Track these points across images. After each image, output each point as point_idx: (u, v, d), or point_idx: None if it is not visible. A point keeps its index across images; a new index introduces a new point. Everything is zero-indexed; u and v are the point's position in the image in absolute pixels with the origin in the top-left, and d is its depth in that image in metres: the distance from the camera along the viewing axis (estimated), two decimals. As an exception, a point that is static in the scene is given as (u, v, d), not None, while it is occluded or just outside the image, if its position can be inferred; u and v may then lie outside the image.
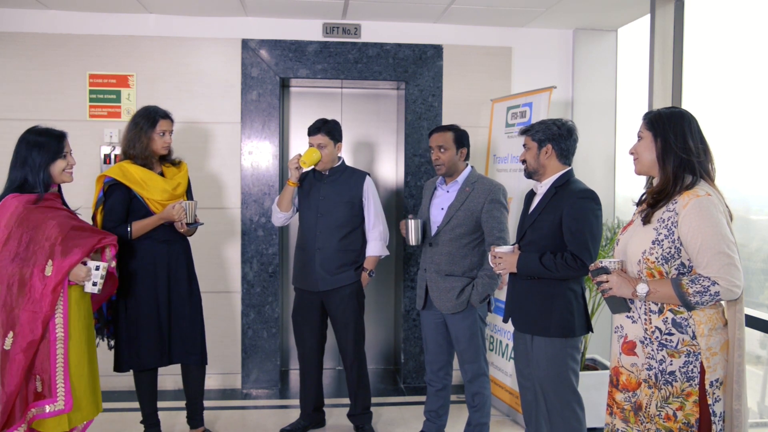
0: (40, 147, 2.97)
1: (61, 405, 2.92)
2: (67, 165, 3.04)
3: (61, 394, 2.92)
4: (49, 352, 2.89)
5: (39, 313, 2.83)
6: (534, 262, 2.92)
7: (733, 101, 3.73)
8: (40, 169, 2.96)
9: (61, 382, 2.92)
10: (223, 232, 4.83)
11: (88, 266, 2.93)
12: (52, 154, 2.98)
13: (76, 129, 4.61)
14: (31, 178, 2.95)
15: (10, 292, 2.84)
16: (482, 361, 3.59)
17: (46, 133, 3.01)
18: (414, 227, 3.54)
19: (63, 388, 2.93)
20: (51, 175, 3.00)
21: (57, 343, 2.91)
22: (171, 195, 3.57)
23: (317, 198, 3.85)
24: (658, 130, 2.39)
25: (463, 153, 3.59)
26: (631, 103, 4.81)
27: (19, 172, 2.96)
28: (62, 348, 2.92)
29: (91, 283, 2.94)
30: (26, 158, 2.95)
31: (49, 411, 2.90)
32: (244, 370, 4.88)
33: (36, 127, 3.05)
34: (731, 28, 3.80)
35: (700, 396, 2.27)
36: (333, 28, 4.84)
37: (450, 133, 3.59)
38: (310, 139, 3.82)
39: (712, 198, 2.27)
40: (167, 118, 3.60)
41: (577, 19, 4.77)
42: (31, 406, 2.89)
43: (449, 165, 3.57)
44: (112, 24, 4.68)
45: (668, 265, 2.32)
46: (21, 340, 2.83)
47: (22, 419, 2.87)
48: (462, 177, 3.59)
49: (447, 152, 3.56)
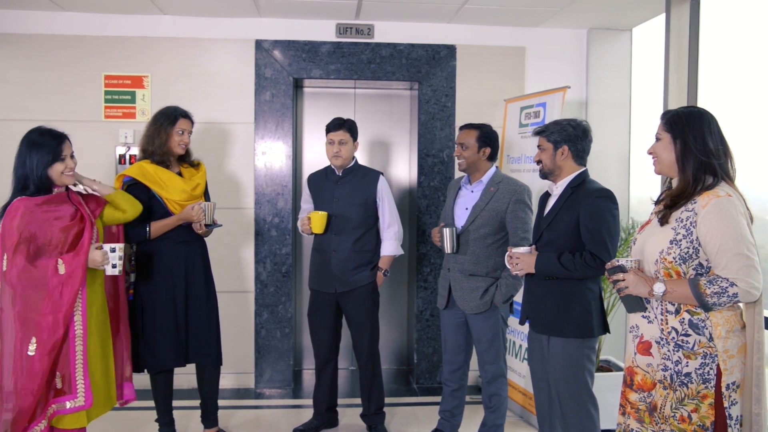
0: (39, 147, 2.92)
1: (81, 401, 2.94)
2: (65, 168, 2.96)
3: (81, 390, 2.94)
4: (69, 349, 2.91)
5: (59, 313, 2.84)
6: (553, 262, 2.91)
7: (749, 101, 3.69)
8: (38, 170, 2.91)
9: (81, 378, 2.94)
10: (237, 232, 4.85)
11: (104, 249, 2.95)
12: (51, 156, 2.92)
13: (92, 130, 4.66)
14: (30, 178, 2.91)
15: (28, 296, 2.82)
16: (502, 363, 3.59)
17: (46, 134, 2.97)
18: (449, 235, 3.53)
19: (83, 384, 2.95)
20: (49, 176, 2.94)
21: (76, 341, 2.93)
22: (190, 195, 3.59)
23: (331, 199, 3.85)
24: (677, 132, 2.37)
25: (486, 152, 3.57)
26: (645, 103, 4.78)
27: (20, 173, 2.94)
28: (81, 345, 2.94)
29: (110, 266, 2.97)
30: (26, 159, 2.92)
31: (69, 407, 2.93)
32: (258, 370, 4.90)
33: (38, 128, 3.01)
34: (747, 27, 3.76)
35: (716, 399, 2.25)
36: (346, 28, 4.85)
37: (474, 131, 3.58)
38: (331, 135, 3.82)
39: (732, 199, 2.25)
40: (187, 117, 3.63)
41: (591, 19, 4.75)
42: (52, 403, 2.91)
43: (469, 163, 3.57)
44: (127, 25, 4.72)
45: (686, 265, 2.30)
46: (45, 343, 2.83)
47: (42, 415, 2.88)
48: (487, 177, 3.58)
49: (467, 150, 3.56)
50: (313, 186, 3.99)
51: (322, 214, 3.78)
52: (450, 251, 3.55)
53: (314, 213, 3.79)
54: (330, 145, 3.84)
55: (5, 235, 2.83)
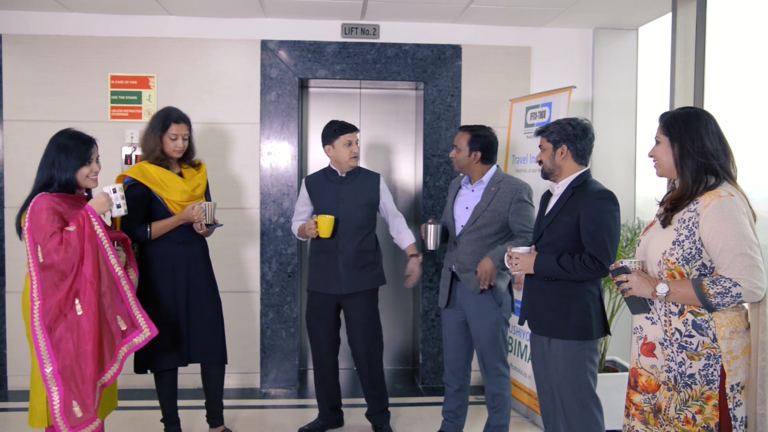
0: (69, 151, 3.02)
1: (147, 332, 3.08)
2: (90, 171, 3.08)
3: (143, 323, 3.07)
4: (118, 289, 3.01)
5: (88, 261, 2.92)
6: (552, 263, 2.90)
7: (756, 101, 3.67)
8: (66, 173, 3.01)
9: (138, 312, 3.06)
10: (243, 232, 4.86)
11: (104, 192, 3.04)
12: (80, 160, 3.03)
13: (98, 130, 4.60)
14: (56, 179, 3.01)
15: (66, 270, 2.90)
16: (502, 363, 3.58)
17: (76, 138, 3.07)
18: (433, 232, 3.55)
19: (141, 316, 3.07)
20: (76, 179, 3.05)
21: (121, 281, 3.02)
22: (190, 196, 3.60)
23: (335, 201, 3.85)
24: (675, 135, 2.36)
25: (477, 156, 3.54)
26: (652, 103, 4.76)
27: (45, 173, 3.03)
28: (126, 283, 3.04)
29: (115, 207, 3.06)
30: (54, 160, 3.02)
31: (138, 342, 3.06)
32: (263, 370, 4.91)
33: (68, 130, 3.11)
34: (754, 26, 3.75)
35: (720, 400, 2.24)
36: (352, 28, 4.85)
37: (466, 135, 3.58)
38: (348, 136, 3.82)
39: (734, 198, 2.24)
40: (180, 122, 3.59)
41: (596, 19, 4.74)
42: (121, 345, 3.02)
43: (461, 165, 3.59)
44: (133, 26, 4.74)
45: (689, 266, 2.29)
46: (88, 296, 2.91)
47: (112, 360, 2.99)
48: (487, 177, 3.57)
49: (460, 153, 3.58)
50: (313, 188, 3.95)
51: (329, 218, 3.75)
52: (432, 248, 3.58)
53: (322, 217, 3.76)
54: (348, 146, 3.82)
55: (34, 230, 2.90)
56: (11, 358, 4.71)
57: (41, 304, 2.88)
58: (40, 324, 2.87)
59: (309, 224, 3.79)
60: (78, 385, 2.88)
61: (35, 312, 2.87)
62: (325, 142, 3.89)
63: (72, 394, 2.87)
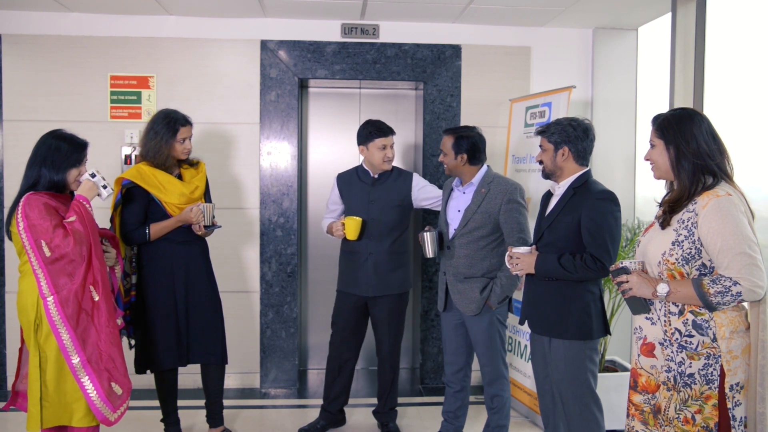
0: (61, 152, 2.99)
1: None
2: (79, 174, 3.06)
3: None
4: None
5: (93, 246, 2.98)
6: (552, 263, 2.90)
7: (755, 100, 3.68)
8: (58, 173, 2.98)
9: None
10: (242, 232, 4.86)
11: (86, 178, 3.07)
12: (72, 162, 3.01)
13: (98, 130, 4.68)
14: (45, 178, 2.97)
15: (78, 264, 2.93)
16: (500, 364, 3.57)
17: (69, 140, 3.04)
18: (430, 240, 3.52)
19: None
20: (66, 180, 3.03)
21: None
22: (188, 198, 3.59)
23: (366, 201, 3.82)
24: (669, 138, 2.37)
25: (464, 158, 3.48)
26: (651, 103, 4.76)
27: (35, 171, 2.98)
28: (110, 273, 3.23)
29: (102, 188, 3.10)
30: (45, 159, 2.98)
31: None
32: (263, 370, 4.91)
33: (60, 131, 3.07)
34: (754, 26, 3.75)
35: (719, 399, 2.24)
36: (351, 28, 4.85)
37: (450, 137, 3.51)
38: (383, 140, 3.77)
39: (732, 198, 2.24)
40: (187, 124, 3.59)
41: (596, 19, 4.74)
42: None
43: (449, 168, 3.55)
44: (133, 26, 4.73)
45: (689, 266, 2.29)
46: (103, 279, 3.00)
47: None
48: (477, 178, 3.52)
49: (446, 157, 3.53)
50: (344, 188, 3.92)
51: (357, 220, 3.71)
52: (430, 255, 3.54)
53: (350, 219, 3.72)
54: (382, 150, 3.78)
55: (33, 228, 2.86)
56: (11, 358, 4.71)
57: (56, 298, 2.86)
58: (60, 317, 2.86)
59: (336, 225, 3.78)
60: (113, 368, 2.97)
61: (51, 307, 2.86)
62: (359, 142, 3.85)
63: (109, 376, 2.95)
